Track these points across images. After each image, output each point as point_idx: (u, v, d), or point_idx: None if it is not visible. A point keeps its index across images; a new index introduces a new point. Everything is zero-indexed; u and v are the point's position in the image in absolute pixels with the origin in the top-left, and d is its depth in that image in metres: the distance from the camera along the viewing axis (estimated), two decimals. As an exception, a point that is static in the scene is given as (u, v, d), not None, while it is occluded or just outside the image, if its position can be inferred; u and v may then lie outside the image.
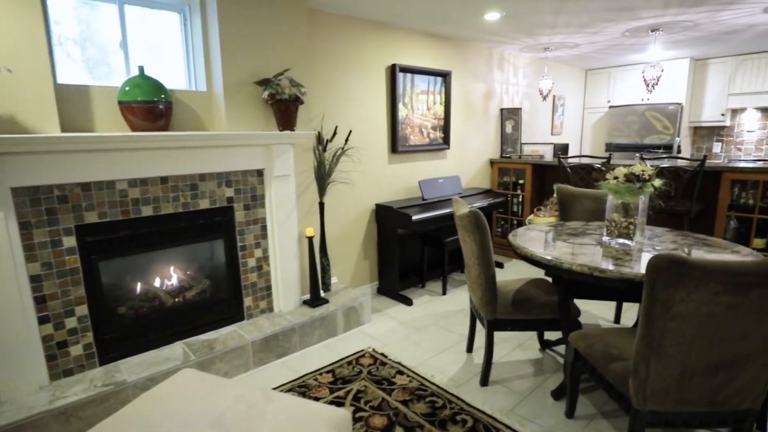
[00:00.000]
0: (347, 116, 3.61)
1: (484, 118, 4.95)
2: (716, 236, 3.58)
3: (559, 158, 4.12)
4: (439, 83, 4.29)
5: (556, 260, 2.03)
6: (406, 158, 4.15)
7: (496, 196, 4.53)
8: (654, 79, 4.22)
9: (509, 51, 5.09)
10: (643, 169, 2.21)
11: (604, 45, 4.83)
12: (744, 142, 5.91)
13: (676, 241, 2.38)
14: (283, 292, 3.13)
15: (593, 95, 6.67)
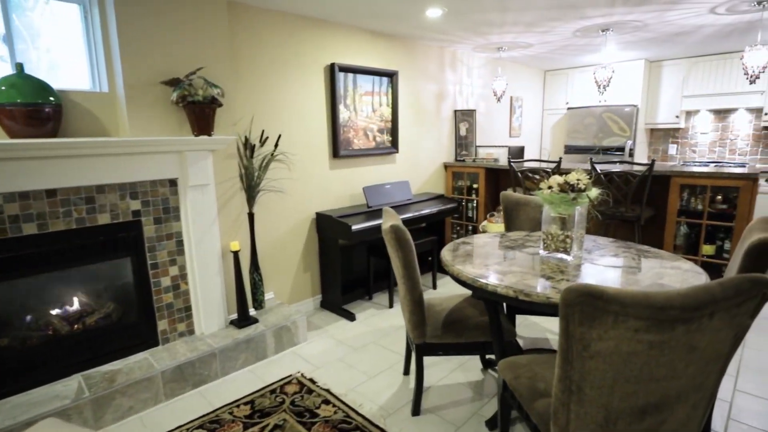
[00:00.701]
0: (281, 119, 3.34)
1: (436, 121, 4.76)
2: (667, 243, 3.47)
3: (509, 162, 3.95)
4: (385, 84, 4.07)
5: (481, 281, 1.83)
6: (350, 163, 3.91)
7: (448, 201, 4.34)
8: (605, 80, 4.10)
9: (462, 51, 4.91)
10: (578, 178, 2.03)
11: (557, 45, 4.71)
12: (698, 144, 5.91)
13: (617, 254, 2.21)
14: (205, 312, 2.85)
15: (552, 97, 6.58)
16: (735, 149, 5.63)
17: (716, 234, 3.35)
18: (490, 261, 2.12)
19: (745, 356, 2.83)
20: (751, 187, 3.05)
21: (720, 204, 3.29)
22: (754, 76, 3.33)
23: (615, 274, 1.89)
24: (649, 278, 1.83)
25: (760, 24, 3.85)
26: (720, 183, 3.17)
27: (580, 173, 2.10)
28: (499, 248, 2.36)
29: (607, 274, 1.90)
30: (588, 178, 2.04)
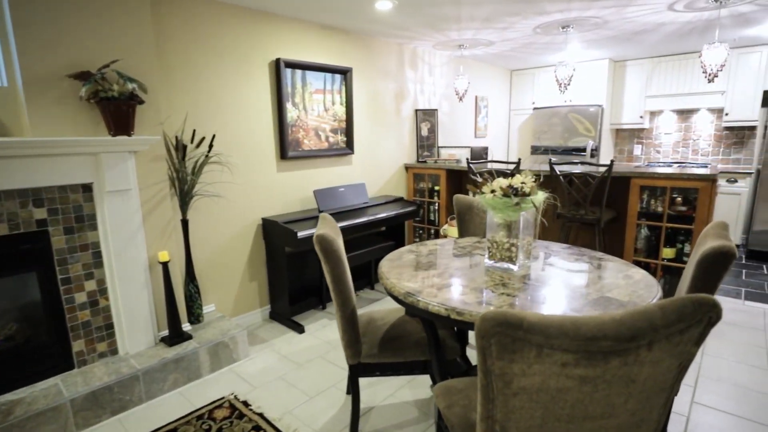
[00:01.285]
0: (221, 118, 3.10)
1: (396, 120, 4.58)
2: (627, 246, 3.36)
3: (467, 163, 3.79)
4: (338, 81, 3.85)
5: (412, 297, 1.63)
6: (300, 165, 3.69)
7: (408, 204, 4.16)
8: (566, 78, 3.98)
9: (422, 48, 4.74)
10: (523, 181, 1.86)
11: (519, 43, 4.58)
12: (662, 144, 5.89)
13: (568, 263, 2.05)
14: (130, 330, 2.58)
15: (518, 97, 6.48)
16: (698, 150, 5.62)
17: (676, 236, 3.25)
18: (431, 272, 1.93)
19: (705, 364, 2.72)
20: (709, 188, 2.95)
21: (680, 206, 3.20)
22: (712, 74, 3.24)
23: (560, 287, 1.72)
24: (597, 291, 1.67)
25: (718, 22, 3.79)
26: (679, 184, 3.07)
27: (526, 175, 1.93)
28: (444, 257, 2.18)
29: (551, 286, 1.73)
30: (533, 181, 1.88)
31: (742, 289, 3.92)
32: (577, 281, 1.79)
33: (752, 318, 3.34)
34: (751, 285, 4.02)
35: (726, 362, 2.74)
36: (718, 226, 1.82)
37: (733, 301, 3.65)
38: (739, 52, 4.92)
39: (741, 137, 5.31)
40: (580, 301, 1.57)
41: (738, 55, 4.93)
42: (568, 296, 1.62)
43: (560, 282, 1.78)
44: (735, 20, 3.78)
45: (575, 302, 1.56)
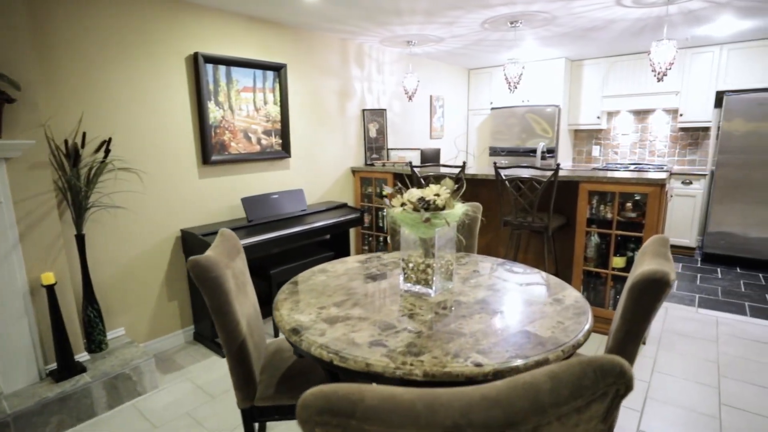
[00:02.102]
0: (126, 119, 2.75)
1: (341, 121, 4.29)
2: (577, 254, 3.16)
3: (411, 167, 3.54)
4: (271, 78, 3.54)
5: (296, 334, 1.35)
6: (227, 170, 3.36)
7: (352, 211, 3.88)
8: (516, 76, 3.78)
9: (369, 44, 4.47)
10: (437, 193, 1.60)
11: (470, 40, 4.36)
12: (620, 145, 5.79)
13: (496, 284, 1.80)
14: (5, 366, 2.22)
15: (476, 96, 6.29)
16: (654, 151, 5.53)
17: (627, 244, 3.07)
18: (334, 299, 1.65)
19: (654, 384, 2.53)
20: (658, 193, 2.77)
21: (630, 212, 3.02)
22: (661, 73, 3.08)
23: (475, 319, 1.46)
24: (518, 322, 1.42)
25: (668, 20, 3.65)
26: (627, 189, 2.89)
27: (443, 185, 1.67)
28: (360, 278, 1.90)
29: (465, 318, 1.48)
30: (449, 192, 1.62)
31: (696, 296, 3.79)
32: (498, 308, 1.55)
33: (705, 327, 3.19)
34: (706, 291, 3.90)
35: (675, 381, 2.56)
36: (657, 242, 1.60)
37: (686, 309, 3.51)
38: (692, 52, 4.84)
39: (696, 138, 5.24)
40: (492, 338, 1.32)
41: (691, 55, 4.85)
42: (480, 332, 1.36)
43: (478, 311, 1.53)
44: (685, 18, 3.65)
45: (486, 341, 1.30)
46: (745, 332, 3.11)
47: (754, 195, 4.38)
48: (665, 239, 1.60)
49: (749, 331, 3.13)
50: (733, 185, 4.47)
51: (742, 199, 4.44)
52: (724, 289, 3.92)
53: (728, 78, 4.69)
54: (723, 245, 4.61)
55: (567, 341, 1.26)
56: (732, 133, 4.43)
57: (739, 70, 4.62)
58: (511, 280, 1.85)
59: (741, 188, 4.43)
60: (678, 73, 4.94)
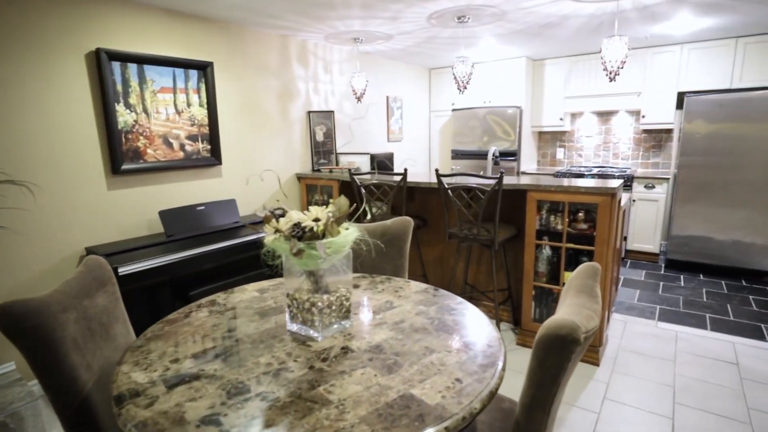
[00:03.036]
0: (12, 125, 2.39)
1: (282, 124, 3.98)
2: (527, 269, 2.92)
3: (351, 175, 3.25)
4: (195, 78, 3.21)
5: (117, 404, 1.05)
6: (143, 180, 3.02)
7: (291, 222, 3.56)
8: (465, 75, 3.52)
9: (313, 41, 4.17)
10: (317, 217, 1.31)
11: (421, 37, 4.09)
12: (584, 147, 5.60)
13: (398, 322, 1.53)
14: None
15: (438, 97, 6.04)
16: (618, 153, 5.36)
17: (579, 258, 2.84)
18: (198, 346, 1.35)
19: (603, 415, 2.29)
20: (609, 203, 2.54)
21: (581, 223, 2.79)
22: (613, 72, 2.86)
23: (356, 376, 1.18)
24: (406, 382, 1.14)
25: (619, 15, 3.44)
26: (577, 199, 2.65)
27: (334, 204, 1.39)
28: (245, 315, 1.60)
29: (345, 376, 1.19)
30: (332, 217, 1.34)
31: (656, 307, 3.59)
32: (391, 358, 1.26)
33: (664, 344, 2.98)
34: (667, 301, 3.71)
35: (628, 411, 2.32)
36: (584, 273, 1.34)
37: (646, 324, 3.31)
38: (653, 52, 4.67)
39: (659, 140, 5.08)
40: (361, 409, 1.03)
41: (652, 55, 4.68)
42: (351, 399, 1.08)
43: (365, 362, 1.24)
44: (641, 14, 3.45)
45: (352, 414, 1.02)
46: (704, 349, 2.91)
47: (716, 198, 4.22)
48: (595, 269, 1.34)
49: (709, 348, 2.93)
50: (696, 188, 4.31)
51: (705, 203, 4.28)
52: (686, 299, 3.73)
53: (689, 79, 4.53)
54: (686, 251, 4.44)
55: (456, 412, 0.99)
56: (693, 135, 4.26)
57: (699, 70, 4.47)
58: (427, 314, 1.57)
59: (703, 191, 4.27)
60: (639, 74, 4.77)
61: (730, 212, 4.18)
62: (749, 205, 4.08)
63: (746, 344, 2.96)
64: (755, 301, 3.66)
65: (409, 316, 1.55)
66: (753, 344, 2.96)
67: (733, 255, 4.22)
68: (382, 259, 2.28)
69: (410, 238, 2.28)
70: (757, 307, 3.55)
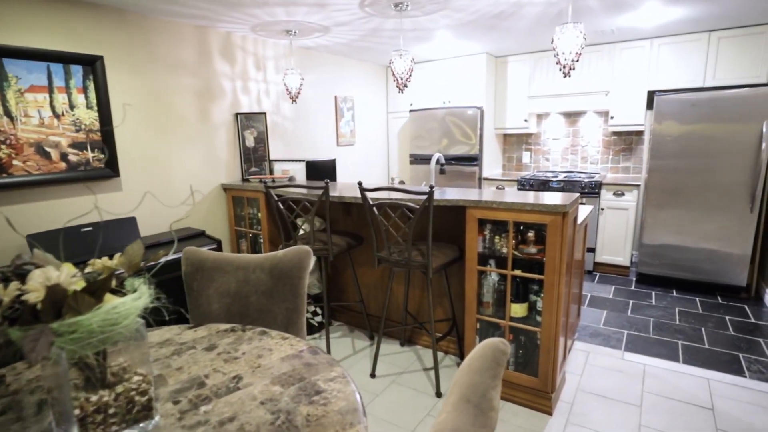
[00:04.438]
0: None
1: (203, 128, 3.48)
2: (468, 298, 2.47)
3: (266, 188, 2.77)
4: (80, 75, 2.70)
5: None
6: (8, 198, 2.49)
7: (206, 242, 3.07)
8: (404, 72, 3.07)
9: (240, 33, 3.67)
10: (55, 283, 0.83)
11: (364, 29, 3.63)
12: (551, 151, 5.21)
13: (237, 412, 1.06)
14: None
15: (397, 97, 5.59)
16: (587, 157, 4.98)
17: (529, 286, 2.41)
18: None
19: (552, 489, 1.85)
20: (560, 224, 2.11)
21: (531, 245, 2.35)
22: (567, 66, 2.44)
23: None
24: None
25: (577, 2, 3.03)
26: (522, 218, 2.21)
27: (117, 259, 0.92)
28: (22, 407, 1.11)
29: None
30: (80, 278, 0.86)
31: (624, 333, 3.19)
32: None
33: (629, 383, 2.57)
34: (636, 325, 3.31)
35: (581, 481, 1.89)
36: (482, 360, 0.90)
37: (611, 354, 2.90)
38: (621, 47, 4.29)
39: (629, 143, 4.71)
40: None
41: (620, 51, 4.30)
42: None
43: None
44: (603, 3, 3.05)
45: None
46: (675, 389, 2.50)
47: (689, 205, 3.85)
48: (499, 353, 0.90)
49: (680, 386, 2.53)
50: (667, 195, 3.94)
51: (677, 211, 3.91)
52: (656, 323, 3.34)
53: (660, 76, 4.16)
54: (658, 264, 4.07)
55: None
56: (664, 137, 3.89)
57: (670, 67, 4.10)
58: (277, 403, 1.10)
59: (675, 198, 3.90)
60: (607, 71, 4.39)
61: (704, 221, 3.81)
62: (725, 213, 3.71)
63: (722, 381, 2.56)
64: (732, 324, 3.29)
65: (249, 408, 1.08)
66: (730, 381, 2.56)
67: (708, 268, 3.86)
68: (271, 300, 1.80)
69: (308, 273, 1.81)
70: (734, 330, 3.18)
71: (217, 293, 1.83)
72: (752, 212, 3.61)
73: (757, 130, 3.51)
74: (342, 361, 2.91)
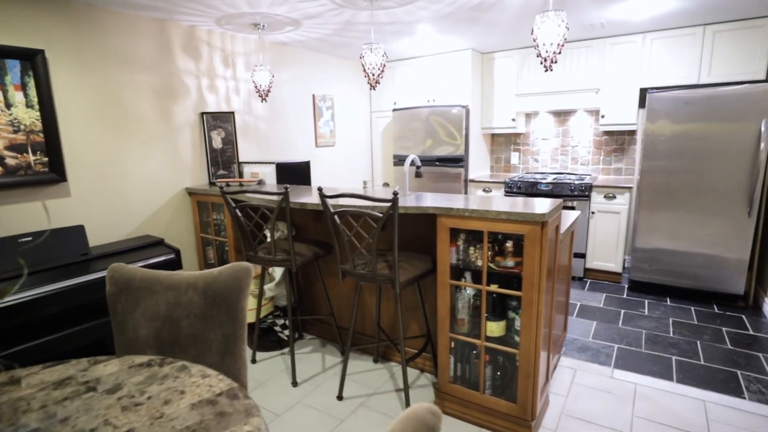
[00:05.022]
0: None
1: (165, 129, 3.24)
2: (441, 315, 2.25)
3: (222, 192, 2.54)
4: (17, 71, 2.46)
5: None
6: (-69, 206, 2.26)
7: (164, 251, 2.84)
8: (375, 67, 2.85)
9: (205, 27, 3.44)
10: None
11: (337, 23, 3.41)
12: (540, 151, 5.00)
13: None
14: None
15: (380, 95, 5.36)
16: (577, 158, 4.77)
17: (507, 302, 2.19)
18: None
19: None
20: (538, 234, 1.89)
21: (509, 257, 2.13)
22: (549, 59, 2.22)
23: None
24: None
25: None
26: (497, 227, 1.99)
27: None
28: None
29: None
30: None
31: (614, 347, 2.98)
32: None
33: (618, 406, 2.36)
34: (628, 338, 3.10)
35: None
36: None
37: (600, 372, 2.68)
38: (612, 42, 4.08)
39: (621, 143, 4.50)
40: None
41: (611, 46, 4.09)
42: None
43: None
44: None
45: None
46: (668, 412, 2.29)
47: (683, 209, 3.64)
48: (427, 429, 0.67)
49: (673, 409, 2.31)
50: (660, 198, 3.73)
51: (671, 215, 3.70)
52: (649, 335, 3.13)
53: (652, 73, 3.95)
54: (652, 270, 3.86)
55: None
56: (657, 136, 3.68)
57: (664, 63, 3.89)
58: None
59: (669, 201, 3.69)
60: (597, 68, 4.18)
61: (699, 226, 3.60)
62: (721, 217, 3.51)
63: (720, 403, 2.35)
64: (729, 336, 3.08)
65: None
66: (728, 403, 2.35)
67: (703, 275, 3.65)
68: (206, 325, 1.58)
69: (247, 294, 1.58)
70: (731, 344, 2.97)
71: (144, 317, 1.60)
72: (750, 216, 3.40)
73: (754, 130, 3.30)
74: (309, 380, 2.68)
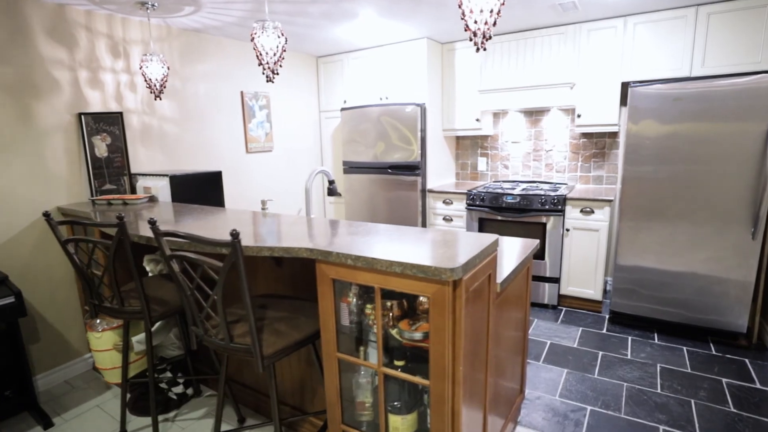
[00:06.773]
0: None
1: (22, 133, 2.56)
2: (330, 401, 1.59)
3: (47, 220, 1.87)
4: None
5: None
6: None
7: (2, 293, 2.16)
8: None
9: (83, 8, 2.76)
10: None
11: (252, 4, 2.74)
12: (510, 156, 4.35)
13: None
14: None
15: (329, 93, 4.70)
16: (552, 164, 4.12)
17: (416, 389, 1.53)
18: None
19: None
20: (448, 298, 1.24)
21: (418, 323, 1.47)
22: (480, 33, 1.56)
23: None
24: None
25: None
26: (392, 284, 1.33)
27: None
28: None
29: None
30: None
31: (587, 410, 2.33)
32: None
33: None
34: (604, 395, 2.45)
35: None
36: None
37: (564, 453, 2.03)
38: (588, 28, 3.44)
39: (602, 147, 3.86)
40: None
41: (587, 33, 3.45)
42: None
43: None
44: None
45: None
46: None
47: (673, 227, 3.01)
48: None
49: None
50: (645, 213, 3.09)
51: (658, 234, 3.07)
52: (631, 391, 2.49)
53: (636, 64, 3.32)
54: (636, 300, 3.22)
55: None
56: (641, 139, 3.04)
57: (649, 52, 3.26)
58: None
59: (656, 218, 3.06)
60: (571, 58, 3.54)
61: (692, 248, 2.97)
62: (720, 238, 2.87)
63: None
64: (731, 392, 2.44)
65: None
66: None
67: (697, 307, 3.01)
68: None
69: None
70: (734, 405, 2.33)
71: None
72: (754, 238, 2.77)
73: (760, 131, 2.67)
74: (181, 467, 2.01)
